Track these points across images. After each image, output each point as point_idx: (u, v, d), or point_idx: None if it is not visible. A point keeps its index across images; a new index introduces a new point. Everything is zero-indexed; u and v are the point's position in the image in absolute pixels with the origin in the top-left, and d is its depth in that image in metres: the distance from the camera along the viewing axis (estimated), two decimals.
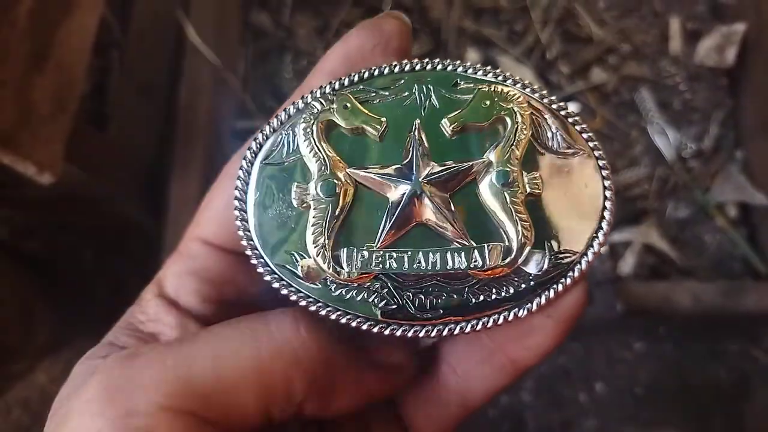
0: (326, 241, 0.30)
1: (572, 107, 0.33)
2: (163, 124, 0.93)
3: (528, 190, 0.30)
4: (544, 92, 0.32)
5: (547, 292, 0.30)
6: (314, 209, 0.31)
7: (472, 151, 0.31)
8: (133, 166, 0.86)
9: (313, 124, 0.32)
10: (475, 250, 0.30)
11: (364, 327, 0.30)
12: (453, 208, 0.30)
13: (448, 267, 0.30)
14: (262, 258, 0.31)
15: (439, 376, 0.34)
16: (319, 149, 0.31)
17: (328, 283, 0.30)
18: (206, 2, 0.94)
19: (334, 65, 0.33)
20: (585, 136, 0.31)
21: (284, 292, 0.31)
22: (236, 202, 0.32)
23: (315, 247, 0.30)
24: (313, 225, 0.31)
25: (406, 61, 0.32)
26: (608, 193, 0.31)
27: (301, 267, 0.30)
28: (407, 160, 0.31)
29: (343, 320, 0.30)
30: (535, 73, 0.98)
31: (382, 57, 0.33)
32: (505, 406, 0.92)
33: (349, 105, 0.32)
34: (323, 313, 0.30)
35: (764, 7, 0.99)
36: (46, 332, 1.00)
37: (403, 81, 0.32)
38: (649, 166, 0.98)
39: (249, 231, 0.31)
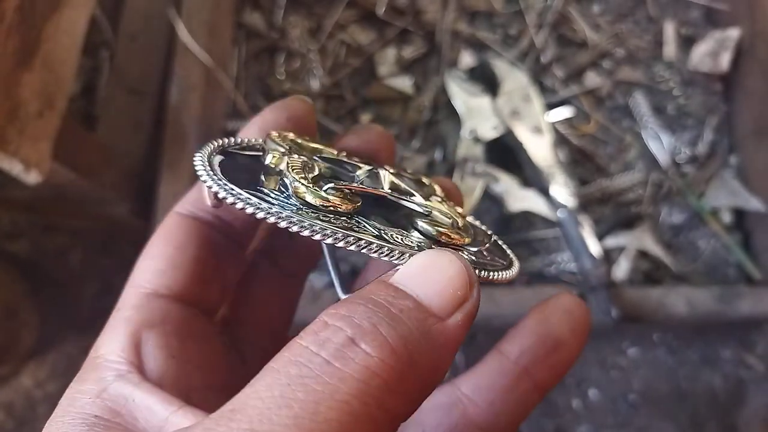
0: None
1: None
2: (153, 125, 0.92)
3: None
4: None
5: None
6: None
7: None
8: (122, 166, 0.85)
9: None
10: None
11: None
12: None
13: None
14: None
15: (459, 414, 0.32)
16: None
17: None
18: (198, 2, 0.93)
19: (252, 134, 0.35)
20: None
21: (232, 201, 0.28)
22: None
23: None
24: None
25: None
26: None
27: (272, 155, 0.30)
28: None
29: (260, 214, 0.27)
30: (530, 76, 0.97)
31: (294, 129, 0.35)
32: None
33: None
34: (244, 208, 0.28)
35: (758, 13, 0.99)
36: (32, 335, 0.98)
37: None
38: (643, 171, 0.98)
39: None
